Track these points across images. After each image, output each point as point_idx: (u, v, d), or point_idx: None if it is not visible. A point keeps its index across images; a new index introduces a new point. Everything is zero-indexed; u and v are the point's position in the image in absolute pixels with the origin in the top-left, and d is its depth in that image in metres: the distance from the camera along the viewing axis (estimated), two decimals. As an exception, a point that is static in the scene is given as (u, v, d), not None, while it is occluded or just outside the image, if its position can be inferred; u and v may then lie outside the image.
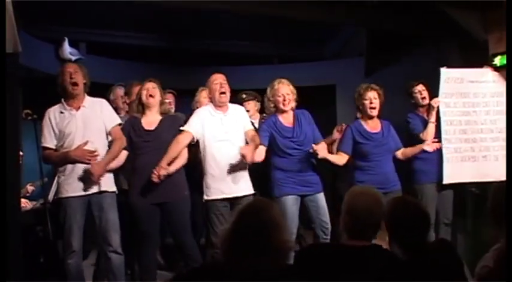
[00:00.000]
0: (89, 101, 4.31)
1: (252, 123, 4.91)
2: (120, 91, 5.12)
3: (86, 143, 4.15)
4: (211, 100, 4.62)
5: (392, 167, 4.92)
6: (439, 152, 5.05)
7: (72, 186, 4.15)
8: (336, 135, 5.25)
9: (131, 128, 4.44)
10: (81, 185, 4.15)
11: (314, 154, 4.56)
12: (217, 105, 4.57)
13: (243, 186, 4.53)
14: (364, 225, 2.66)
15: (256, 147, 4.46)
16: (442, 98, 5.16)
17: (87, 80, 4.32)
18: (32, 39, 7.09)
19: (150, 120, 4.48)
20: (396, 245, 2.79)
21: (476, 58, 5.54)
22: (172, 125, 4.51)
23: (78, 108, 4.24)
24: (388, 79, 6.39)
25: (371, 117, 4.91)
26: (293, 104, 4.78)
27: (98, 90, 4.80)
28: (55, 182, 5.16)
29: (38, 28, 7.50)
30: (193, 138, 4.47)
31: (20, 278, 3.79)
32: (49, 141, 4.21)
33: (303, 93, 4.96)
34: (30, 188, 5.49)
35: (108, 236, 4.19)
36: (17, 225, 3.65)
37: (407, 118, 5.19)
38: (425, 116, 5.19)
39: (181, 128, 4.50)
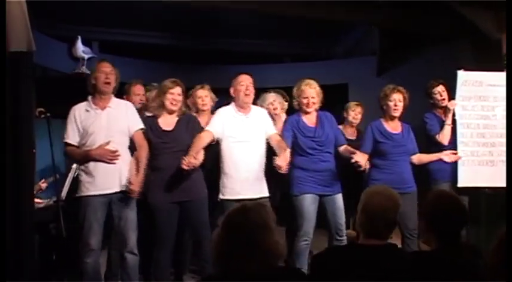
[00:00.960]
0: (115, 102, 4.32)
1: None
2: (139, 87, 5.15)
3: (108, 143, 4.15)
4: (235, 100, 4.62)
5: (409, 169, 4.90)
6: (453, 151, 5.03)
7: (93, 185, 4.16)
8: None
9: (149, 129, 4.44)
10: (102, 184, 4.16)
11: (356, 165, 4.57)
12: (241, 106, 4.58)
13: (259, 188, 4.53)
14: (379, 225, 2.66)
15: (285, 155, 4.41)
16: (459, 100, 5.13)
17: (117, 82, 4.35)
18: (45, 38, 7.14)
19: (168, 121, 4.49)
20: (432, 235, 2.81)
21: (489, 57, 5.52)
22: (188, 125, 4.51)
23: (104, 108, 4.25)
24: (401, 78, 6.37)
25: (393, 118, 4.91)
26: (317, 106, 4.81)
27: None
28: (68, 179, 5.20)
29: (51, 27, 7.56)
30: (214, 137, 4.48)
31: (33, 276, 3.81)
32: (72, 138, 4.23)
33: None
34: (43, 185, 5.52)
35: (126, 235, 4.20)
36: (30, 223, 3.66)
37: (425, 118, 5.17)
38: (442, 116, 5.17)
39: (206, 128, 4.51)
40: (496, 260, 2.02)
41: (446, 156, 4.91)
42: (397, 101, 4.85)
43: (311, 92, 4.75)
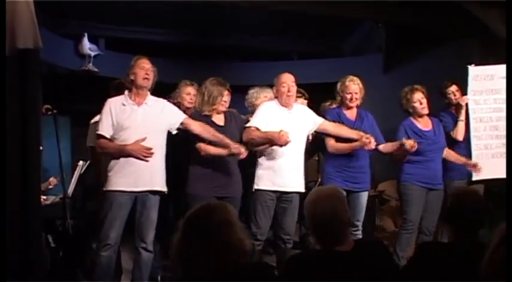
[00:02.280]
0: (151, 99, 4.32)
1: None
2: (189, 89, 5.14)
3: (144, 139, 4.14)
4: (278, 98, 4.68)
5: (441, 165, 4.97)
6: (469, 149, 5.08)
7: (123, 181, 4.14)
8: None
9: (204, 122, 4.47)
10: (132, 181, 4.15)
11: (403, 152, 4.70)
12: (283, 105, 4.64)
13: (294, 182, 4.58)
14: (333, 230, 2.52)
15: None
16: (471, 95, 5.15)
17: (155, 80, 4.36)
18: (52, 35, 7.17)
19: (217, 116, 4.58)
20: (452, 227, 2.83)
21: (497, 55, 5.50)
22: (236, 120, 4.66)
23: (140, 104, 4.24)
24: (407, 75, 6.38)
25: (423, 115, 4.96)
26: (359, 102, 4.90)
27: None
28: (74, 176, 5.23)
29: (58, 24, 7.58)
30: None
31: (41, 273, 3.83)
32: (106, 130, 4.20)
33: (322, 90, 4.97)
34: (53, 180, 5.55)
35: (144, 231, 4.21)
36: (38, 220, 3.68)
37: (440, 116, 5.20)
38: (456, 114, 5.20)
39: (249, 124, 4.58)
40: (497, 258, 2.01)
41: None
42: (420, 99, 4.93)
43: (355, 87, 4.86)
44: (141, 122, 4.20)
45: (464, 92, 5.17)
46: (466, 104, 5.12)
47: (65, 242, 4.85)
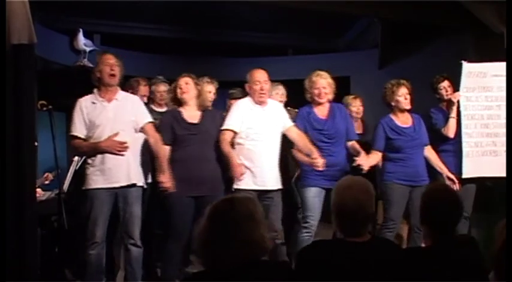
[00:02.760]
0: (121, 94, 4.35)
1: None
2: (162, 87, 5.15)
3: (116, 134, 4.18)
4: (251, 96, 4.66)
5: (423, 161, 4.94)
6: (461, 145, 5.06)
7: (101, 178, 4.18)
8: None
9: (174, 121, 4.46)
10: (109, 177, 4.18)
11: (359, 169, 4.58)
12: (257, 102, 4.63)
13: (273, 180, 4.59)
14: (358, 223, 2.54)
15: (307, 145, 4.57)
16: (463, 92, 5.14)
17: (122, 74, 4.35)
18: (47, 30, 7.14)
19: (192, 113, 4.53)
20: (427, 228, 2.82)
21: (492, 50, 5.50)
22: (213, 118, 4.58)
23: (110, 100, 4.27)
24: (402, 71, 6.38)
25: (403, 111, 4.93)
26: (329, 97, 4.84)
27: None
28: (70, 172, 5.22)
29: (53, 20, 7.55)
30: (236, 133, 4.55)
31: (36, 269, 3.83)
32: (79, 131, 4.24)
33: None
34: (49, 176, 5.54)
35: (130, 228, 4.24)
36: (33, 216, 3.68)
37: (430, 113, 5.19)
38: (447, 110, 5.18)
39: (224, 127, 4.55)
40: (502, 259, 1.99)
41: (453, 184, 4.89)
42: (405, 94, 4.88)
43: (322, 82, 4.79)
44: (113, 118, 4.22)
45: (456, 88, 5.16)
46: (458, 101, 5.10)
47: (61, 238, 4.84)
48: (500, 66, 5.21)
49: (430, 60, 6.77)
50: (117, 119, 4.23)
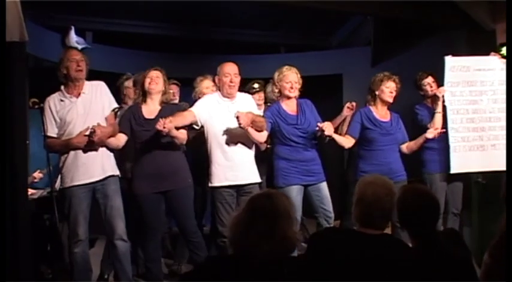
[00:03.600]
0: (88, 86, 4.32)
1: None
2: (130, 81, 5.14)
3: (87, 129, 4.16)
4: (220, 89, 4.62)
5: (397, 158, 4.94)
6: (447, 141, 5.06)
7: (75, 175, 4.17)
8: (346, 111, 5.21)
9: (132, 116, 4.45)
10: (84, 173, 4.17)
11: (319, 132, 4.57)
12: (225, 96, 4.58)
13: (248, 174, 4.54)
14: (375, 215, 2.65)
15: (253, 119, 4.43)
16: (448, 87, 5.14)
17: (88, 68, 4.35)
18: (38, 28, 7.11)
19: (151, 109, 4.50)
20: (406, 232, 2.85)
21: (484, 48, 5.53)
22: (171, 112, 4.47)
23: (78, 95, 4.26)
24: (395, 69, 6.35)
25: (384, 105, 4.96)
26: (297, 93, 4.80)
27: (104, 78, 4.81)
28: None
29: (44, 17, 7.52)
30: (196, 119, 4.48)
31: (28, 266, 3.82)
32: (50, 130, 4.23)
33: (310, 83, 4.97)
34: (38, 174, 5.52)
35: (113, 223, 4.23)
36: (25, 214, 3.67)
37: (415, 109, 5.20)
38: (432, 107, 5.18)
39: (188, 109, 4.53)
40: (498, 258, 1.97)
41: (430, 133, 4.94)
42: (392, 88, 4.92)
43: (293, 76, 4.75)
44: (83, 113, 4.21)
45: (441, 83, 5.17)
46: (443, 96, 5.11)
47: (53, 236, 4.83)
48: (483, 60, 5.28)
49: (423, 58, 6.77)
50: (87, 113, 4.22)
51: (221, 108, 4.54)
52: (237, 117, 4.27)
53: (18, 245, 3.49)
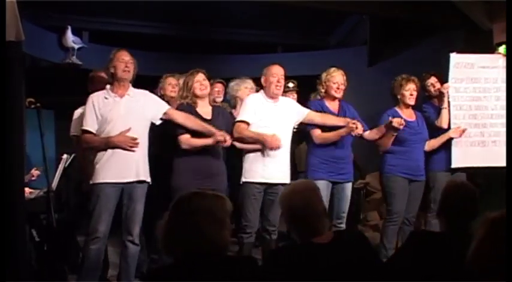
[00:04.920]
0: (133, 90, 4.34)
1: None
2: (171, 80, 5.14)
3: (128, 130, 4.16)
4: (265, 89, 4.68)
5: (423, 156, 5.00)
6: (449, 140, 5.11)
7: (110, 173, 4.15)
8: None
9: (190, 113, 4.46)
10: (120, 172, 4.17)
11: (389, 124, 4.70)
12: (270, 96, 4.64)
13: (281, 174, 4.60)
14: (310, 222, 2.53)
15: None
16: (452, 83, 5.18)
17: (135, 71, 4.36)
18: (35, 27, 7.10)
19: (205, 110, 4.55)
20: (443, 220, 2.89)
21: (481, 47, 5.54)
22: (223, 116, 4.63)
23: (122, 96, 4.26)
24: (391, 68, 6.40)
25: (409, 106, 5.00)
26: (342, 94, 4.90)
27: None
28: (58, 170, 5.19)
29: (41, 17, 7.51)
30: (249, 125, 4.58)
31: (25, 266, 3.82)
32: (90, 125, 4.22)
33: (307, 82, 4.98)
34: (36, 172, 5.50)
35: (131, 225, 4.23)
36: (22, 214, 3.66)
37: (423, 108, 5.22)
38: (438, 104, 5.22)
39: (239, 119, 4.60)
40: (484, 251, 1.97)
41: (454, 133, 5.04)
42: (412, 90, 4.98)
43: (340, 78, 4.86)
44: (125, 113, 4.21)
45: (445, 81, 5.20)
46: (448, 92, 5.13)
47: (50, 236, 4.82)
48: (487, 58, 5.32)
49: (419, 58, 6.79)
50: (129, 115, 4.22)
51: (265, 108, 4.61)
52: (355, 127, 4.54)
53: (15, 245, 3.48)
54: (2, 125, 3.39)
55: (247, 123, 4.57)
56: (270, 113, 4.59)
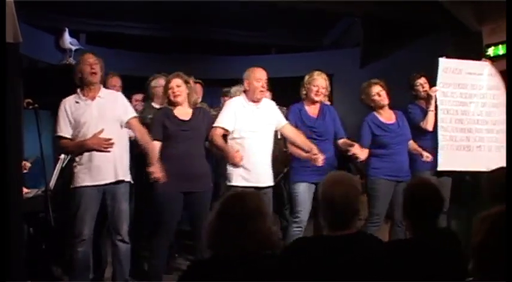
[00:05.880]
0: (104, 92, 4.32)
1: None
2: (162, 81, 5.11)
3: (101, 131, 4.15)
4: (247, 93, 4.62)
5: (407, 157, 4.98)
6: (436, 141, 5.10)
7: (88, 176, 4.15)
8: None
9: (165, 118, 4.43)
10: (97, 174, 4.15)
11: (354, 158, 4.69)
12: (253, 100, 4.59)
13: (265, 177, 4.56)
14: (346, 216, 2.57)
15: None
16: (440, 87, 5.18)
17: (103, 71, 4.33)
18: (32, 29, 7.08)
19: (183, 111, 4.48)
20: (409, 222, 2.86)
21: (470, 49, 5.56)
22: (204, 117, 4.54)
23: (93, 98, 4.24)
24: (383, 70, 6.42)
25: (384, 107, 4.97)
26: (323, 98, 4.88)
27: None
28: (56, 170, 5.17)
29: (38, 19, 7.49)
30: (227, 132, 4.51)
31: (21, 265, 3.80)
32: (65, 131, 4.21)
33: (301, 83, 4.96)
34: (26, 164, 5.46)
35: (118, 225, 4.22)
36: (19, 214, 3.65)
37: (408, 109, 5.21)
38: (424, 106, 5.21)
39: (215, 124, 4.51)
40: (487, 248, 1.94)
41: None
42: (378, 92, 4.93)
43: (322, 82, 4.81)
44: (97, 116, 4.19)
45: (433, 84, 5.21)
46: (436, 95, 5.14)
47: (47, 235, 4.80)
48: (475, 65, 5.33)
49: (410, 59, 6.80)
50: (101, 117, 4.21)
51: (246, 111, 4.55)
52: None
53: (12, 244, 3.46)
54: (1, 126, 3.37)
55: (224, 129, 4.50)
56: (252, 117, 4.53)
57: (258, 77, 4.58)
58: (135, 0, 6.91)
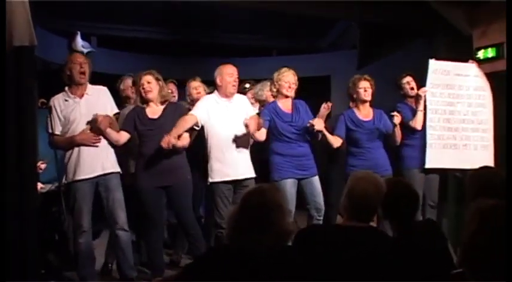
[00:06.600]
0: (91, 89, 4.37)
1: None
2: (129, 81, 5.14)
3: (89, 128, 4.23)
4: (220, 89, 4.62)
5: (382, 153, 4.99)
6: (425, 140, 5.13)
7: (79, 170, 4.21)
8: (323, 111, 5.13)
9: (136, 116, 4.46)
10: (88, 168, 4.22)
11: (310, 128, 4.63)
12: (226, 95, 4.60)
13: (245, 169, 4.56)
14: (361, 208, 2.65)
15: (258, 122, 4.53)
16: (429, 88, 5.21)
17: (91, 70, 4.38)
18: (46, 33, 7.13)
19: (154, 109, 4.49)
20: (388, 222, 2.92)
21: (462, 52, 5.58)
22: (174, 112, 4.50)
23: (81, 96, 4.30)
24: (379, 72, 6.41)
25: (364, 103, 4.99)
26: (293, 94, 4.84)
27: (108, 80, 4.85)
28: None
29: (52, 23, 7.53)
30: (198, 121, 4.49)
31: (37, 255, 3.84)
32: (55, 128, 4.27)
33: (300, 84, 5.00)
34: (42, 165, 5.52)
35: (115, 214, 4.28)
36: (34, 209, 3.70)
37: (397, 108, 5.22)
38: (413, 105, 5.24)
39: (190, 113, 4.52)
40: (476, 243, 1.93)
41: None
42: (365, 87, 4.97)
43: (291, 77, 4.79)
44: (86, 113, 4.26)
45: (423, 84, 5.24)
46: (425, 95, 5.18)
47: (60, 227, 4.85)
48: (462, 66, 5.37)
49: (406, 61, 6.81)
50: (90, 112, 4.26)
51: (220, 108, 4.56)
52: (246, 125, 4.34)
53: (28, 235, 3.52)
54: (17, 124, 3.43)
55: (196, 118, 4.46)
56: (225, 112, 4.54)
57: (230, 72, 4.59)
58: (144, 0, 6.91)
